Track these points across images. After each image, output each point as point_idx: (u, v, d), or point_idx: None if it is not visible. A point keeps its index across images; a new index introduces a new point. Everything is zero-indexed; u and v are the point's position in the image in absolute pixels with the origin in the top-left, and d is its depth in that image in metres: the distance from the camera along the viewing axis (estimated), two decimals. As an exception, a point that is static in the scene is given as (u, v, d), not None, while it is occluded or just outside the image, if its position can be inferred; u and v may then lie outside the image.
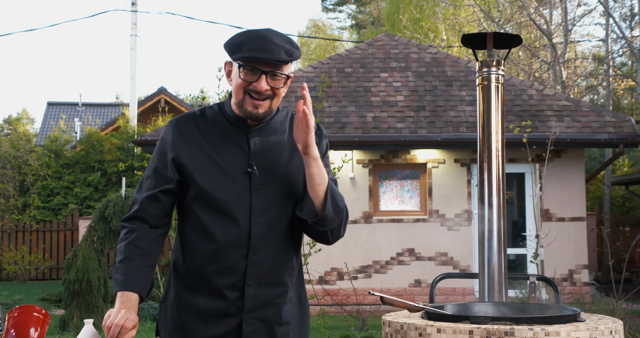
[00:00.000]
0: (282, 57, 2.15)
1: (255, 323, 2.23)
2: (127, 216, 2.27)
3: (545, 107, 11.38)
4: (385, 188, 11.24)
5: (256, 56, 2.13)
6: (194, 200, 2.22)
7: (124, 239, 2.23)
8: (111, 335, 2.08)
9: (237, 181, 2.21)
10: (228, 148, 2.24)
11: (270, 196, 2.22)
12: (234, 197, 2.20)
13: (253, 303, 2.22)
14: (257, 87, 2.17)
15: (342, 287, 10.56)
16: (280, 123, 2.33)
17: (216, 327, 2.22)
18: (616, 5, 22.08)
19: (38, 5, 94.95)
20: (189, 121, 2.29)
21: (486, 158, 2.96)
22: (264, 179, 2.23)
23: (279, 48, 2.15)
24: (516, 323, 2.27)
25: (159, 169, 2.25)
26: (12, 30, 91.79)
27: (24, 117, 41.54)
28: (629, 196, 18.11)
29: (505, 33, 3.13)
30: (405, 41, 13.22)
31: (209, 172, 2.21)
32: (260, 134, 2.27)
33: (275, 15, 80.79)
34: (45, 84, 79.92)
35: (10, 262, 15.44)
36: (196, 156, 2.23)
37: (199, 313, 2.23)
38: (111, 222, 8.51)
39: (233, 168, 2.22)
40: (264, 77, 2.16)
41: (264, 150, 2.26)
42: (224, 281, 2.20)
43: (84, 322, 2.21)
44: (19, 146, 18.71)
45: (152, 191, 2.24)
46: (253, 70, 2.16)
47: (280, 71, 2.18)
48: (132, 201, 2.28)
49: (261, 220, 2.21)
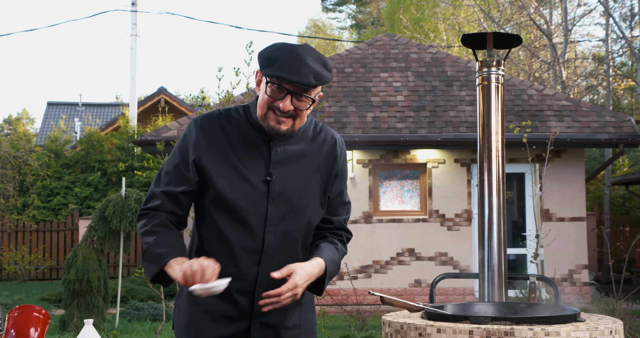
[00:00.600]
0: (310, 82, 2.12)
1: (263, 328, 2.26)
2: (148, 206, 2.25)
3: (545, 107, 11.38)
4: (385, 188, 11.24)
5: (284, 77, 2.11)
6: (212, 203, 2.23)
7: (149, 223, 2.21)
8: (194, 277, 2.03)
9: (255, 188, 2.21)
10: (249, 154, 2.24)
11: (286, 205, 2.24)
12: (251, 204, 2.20)
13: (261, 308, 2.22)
14: (281, 107, 2.16)
15: (342, 287, 10.56)
16: (303, 131, 2.32)
17: (224, 328, 2.25)
18: (616, 5, 22.09)
19: (38, 5, 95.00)
20: (213, 121, 2.28)
21: (486, 158, 2.96)
22: (282, 188, 2.24)
23: (310, 70, 2.13)
24: (516, 323, 2.27)
25: (180, 169, 2.25)
26: (12, 30, 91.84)
27: (24, 117, 41.53)
28: (629, 196, 18.11)
29: (505, 33, 3.13)
30: (405, 41, 13.22)
31: (229, 177, 2.21)
32: (283, 142, 2.27)
33: (276, 15, 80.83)
34: (45, 84, 79.98)
35: (10, 262, 15.43)
36: (217, 159, 2.22)
37: (208, 313, 2.25)
38: (111, 222, 8.50)
39: (252, 174, 2.22)
40: (290, 97, 2.15)
41: (285, 159, 2.26)
42: (234, 286, 2.20)
43: (84, 322, 2.22)
44: (19, 146, 18.72)
45: (172, 189, 2.24)
46: (280, 88, 2.15)
47: (307, 94, 2.17)
48: (151, 194, 2.27)
49: (275, 229, 2.22)
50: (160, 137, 10.58)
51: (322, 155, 2.32)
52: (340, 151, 2.37)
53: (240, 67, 23.78)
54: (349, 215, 2.44)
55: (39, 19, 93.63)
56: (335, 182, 2.35)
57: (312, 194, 2.28)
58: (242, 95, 11.28)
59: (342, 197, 2.40)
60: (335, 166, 2.34)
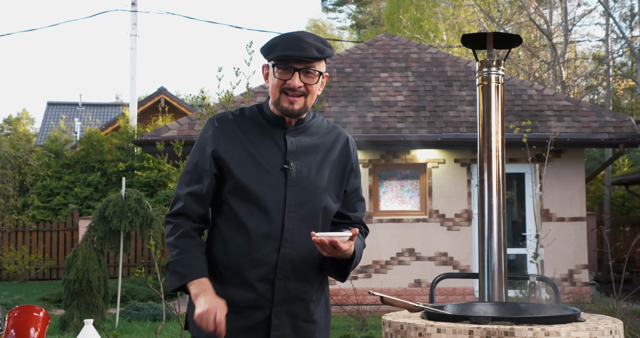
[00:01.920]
0: (314, 54, 2.25)
1: (283, 317, 2.29)
2: (171, 212, 2.33)
3: (545, 107, 11.38)
4: (385, 188, 11.24)
5: (288, 54, 2.24)
6: (231, 193, 2.29)
7: (172, 234, 2.31)
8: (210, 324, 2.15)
9: (273, 176, 2.29)
10: (266, 145, 2.33)
11: (304, 193, 2.31)
12: (270, 191, 2.28)
13: (282, 297, 2.28)
14: (291, 84, 2.27)
15: (342, 287, 10.56)
16: (317, 127, 2.43)
17: (246, 319, 2.28)
18: (616, 5, 22.09)
19: (38, 5, 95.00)
20: (229, 117, 2.38)
21: (486, 158, 2.96)
22: (299, 177, 2.31)
23: (311, 46, 2.26)
24: (516, 323, 2.27)
25: (199, 164, 2.33)
26: (12, 30, 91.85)
27: (24, 117, 41.52)
28: (629, 196, 18.11)
29: (505, 33, 3.13)
30: (405, 41, 13.22)
31: (247, 166, 2.29)
32: (297, 134, 2.37)
33: (276, 15, 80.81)
34: (45, 84, 79.97)
35: (10, 262, 15.43)
36: (235, 150, 2.31)
37: (229, 305, 2.26)
38: (111, 222, 8.50)
39: (270, 163, 2.30)
40: (297, 74, 2.27)
41: (300, 150, 2.35)
42: (255, 274, 2.26)
43: (84, 322, 2.22)
44: (19, 146, 18.73)
45: (194, 187, 2.32)
46: (287, 68, 2.27)
47: (313, 68, 2.28)
48: (175, 197, 2.35)
49: (294, 215, 2.28)
50: (160, 137, 10.58)
51: (336, 149, 2.42)
52: (352, 148, 2.48)
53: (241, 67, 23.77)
54: (364, 212, 2.50)
55: (39, 19, 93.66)
56: (351, 177, 2.44)
57: (328, 185, 2.36)
58: (242, 95, 11.28)
59: (358, 193, 2.48)
60: (350, 161, 2.44)
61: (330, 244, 2.16)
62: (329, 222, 2.39)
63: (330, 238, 2.15)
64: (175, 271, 2.25)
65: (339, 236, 2.16)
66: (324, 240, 2.14)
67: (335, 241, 2.15)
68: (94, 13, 55.54)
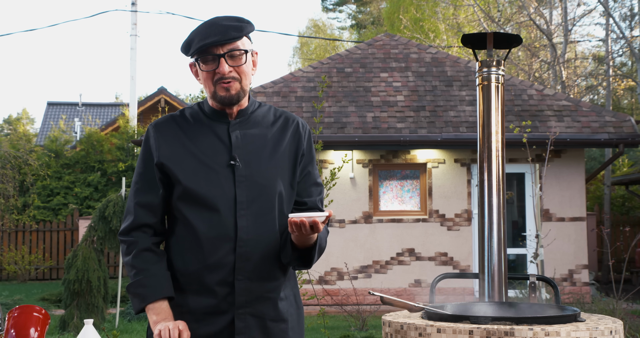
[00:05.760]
0: (232, 35, 2.17)
1: (248, 319, 2.21)
2: (123, 228, 2.26)
3: (545, 107, 11.38)
4: (385, 188, 11.24)
5: (206, 42, 2.16)
6: (180, 199, 2.23)
7: (128, 253, 2.24)
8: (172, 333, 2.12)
9: (220, 175, 2.21)
10: (209, 142, 2.25)
11: (255, 188, 2.22)
12: (219, 190, 2.20)
13: (244, 298, 2.20)
14: (221, 72, 2.19)
15: (342, 287, 10.56)
16: (263, 117, 2.34)
17: (209, 326, 2.21)
18: (616, 5, 22.09)
19: (38, 5, 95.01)
20: (169, 121, 2.31)
21: (486, 158, 2.96)
22: (248, 171, 2.23)
23: (227, 28, 2.18)
24: (516, 323, 2.27)
25: (145, 174, 2.27)
26: (12, 30, 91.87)
27: (24, 117, 41.53)
28: (629, 196, 18.11)
29: (505, 33, 3.13)
30: (405, 41, 13.22)
31: (192, 168, 2.22)
32: (242, 127, 2.29)
33: (276, 16, 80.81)
34: (45, 84, 79.97)
35: (10, 262, 15.43)
36: (178, 154, 2.24)
37: (190, 313, 2.21)
38: (111, 222, 8.50)
39: (215, 161, 2.23)
40: (223, 60, 2.19)
41: (246, 143, 2.27)
42: (213, 278, 2.19)
43: (84, 322, 2.22)
44: (19, 146, 18.71)
45: (143, 197, 2.26)
46: (211, 58, 2.20)
47: (237, 48, 2.20)
48: (127, 210, 2.29)
49: (247, 212, 2.20)
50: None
51: (286, 137, 2.32)
52: (304, 132, 2.37)
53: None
54: (322, 196, 2.41)
55: (39, 19, 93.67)
56: (302, 161, 2.34)
57: (280, 174, 2.27)
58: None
59: (311, 177, 2.37)
60: (301, 145, 2.34)
61: (309, 225, 2.05)
62: (286, 212, 2.28)
63: (310, 219, 2.04)
64: (135, 294, 2.19)
65: (318, 216, 2.05)
66: (305, 221, 2.04)
67: (316, 221, 2.04)
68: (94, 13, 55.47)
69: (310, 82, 11.94)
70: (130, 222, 2.25)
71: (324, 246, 2.29)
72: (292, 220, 2.06)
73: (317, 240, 2.22)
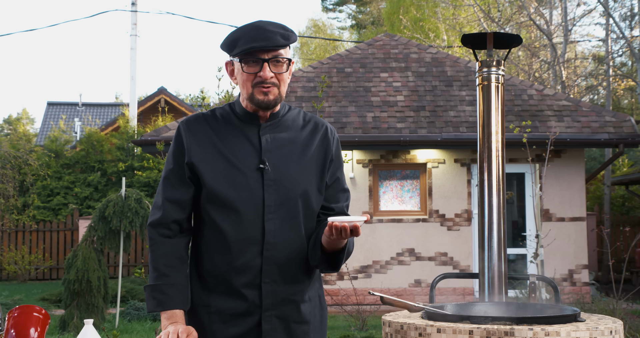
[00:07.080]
0: (279, 42, 2.18)
1: (274, 321, 2.23)
2: (152, 221, 2.28)
3: (545, 107, 11.38)
4: (385, 188, 11.24)
5: (254, 45, 2.17)
6: (208, 201, 2.24)
7: (153, 250, 2.26)
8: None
9: (249, 178, 2.22)
10: (240, 145, 2.26)
11: (283, 192, 2.24)
12: (247, 194, 2.21)
13: (271, 301, 2.22)
14: (263, 76, 2.19)
15: (342, 287, 10.56)
16: (292, 120, 2.34)
17: (236, 327, 2.23)
18: (616, 5, 22.08)
19: (38, 5, 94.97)
20: (200, 120, 2.31)
21: (486, 158, 2.96)
22: (277, 175, 2.24)
23: (274, 34, 2.18)
24: (516, 323, 2.27)
25: (176, 171, 2.28)
26: (12, 30, 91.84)
27: (24, 117, 41.52)
28: (629, 196, 18.11)
29: (505, 33, 3.13)
30: (405, 41, 13.21)
31: (221, 171, 2.22)
32: (272, 131, 2.29)
33: (276, 16, 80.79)
34: (45, 84, 79.94)
35: (10, 262, 15.43)
36: (208, 155, 2.24)
37: (218, 314, 2.23)
38: (111, 222, 8.50)
39: (245, 164, 2.23)
40: (267, 65, 2.19)
41: (276, 147, 2.27)
42: (240, 280, 2.21)
43: (84, 322, 2.21)
44: (19, 146, 18.71)
45: (172, 193, 2.27)
46: (255, 61, 2.20)
47: (281, 56, 2.21)
48: (155, 204, 2.30)
49: (275, 216, 2.22)
50: (160, 137, 10.58)
51: (315, 141, 2.33)
52: (332, 138, 2.37)
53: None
54: (348, 202, 2.43)
55: (39, 19, 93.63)
56: (330, 167, 2.35)
57: (308, 179, 2.28)
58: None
59: (339, 183, 2.39)
60: (329, 151, 2.35)
61: (350, 229, 2.06)
62: (313, 218, 2.31)
63: (352, 223, 2.06)
64: (153, 297, 2.22)
65: (358, 220, 2.06)
66: (346, 225, 2.05)
67: (357, 225, 2.06)
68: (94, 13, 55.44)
69: (310, 82, 11.94)
70: (159, 217, 2.26)
71: (351, 250, 2.31)
72: (334, 224, 2.06)
73: (347, 243, 2.24)
